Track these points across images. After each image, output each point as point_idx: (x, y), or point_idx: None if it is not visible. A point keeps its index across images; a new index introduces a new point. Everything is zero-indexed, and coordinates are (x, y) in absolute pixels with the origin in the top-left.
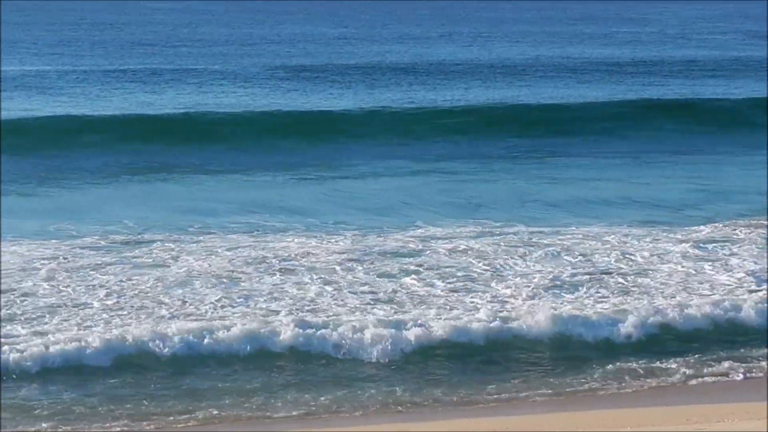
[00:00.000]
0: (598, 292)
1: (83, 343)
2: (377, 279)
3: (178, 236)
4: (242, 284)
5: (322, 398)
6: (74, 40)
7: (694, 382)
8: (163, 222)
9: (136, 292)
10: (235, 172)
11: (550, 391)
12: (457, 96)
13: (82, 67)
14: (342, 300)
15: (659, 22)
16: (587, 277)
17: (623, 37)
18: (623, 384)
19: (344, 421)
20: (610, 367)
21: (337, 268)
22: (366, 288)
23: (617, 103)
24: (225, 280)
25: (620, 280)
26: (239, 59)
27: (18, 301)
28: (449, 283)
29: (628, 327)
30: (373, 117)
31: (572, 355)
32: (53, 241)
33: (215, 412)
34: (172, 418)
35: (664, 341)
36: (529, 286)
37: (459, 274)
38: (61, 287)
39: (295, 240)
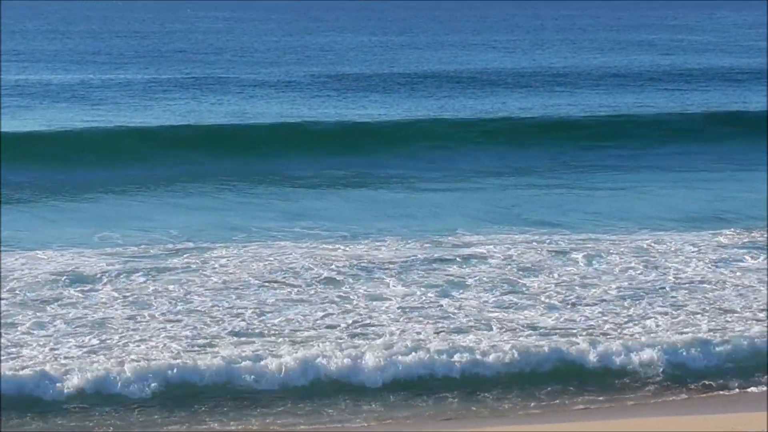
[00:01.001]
0: (655, 305)
1: (141, 362)
2: (426, 291)
3: (225, 244)
4: (292, 295)
5: (374, 406)
6: (116, 48)
7: (750, 391)
8: (208, 230)
9: (184, 302)
10: (276, 182)
11: (602, 398)
12: (498, 105)
13: (125, 75)
14: (393, 315)
15: (702, 29)
16: (642, 290)
17: (666, 44)
18: (676, 392)
19: (398, 426)
20: (671, 375)
21: (385, 277)
22: (416, 302)
23: (661, 115)
24: (274, 291)
25: (677, 292)
26: (281, 67)
27: (64, 312)
28: (500, 295)
29: (686, 340)
30: (414, 127)
31: (632, 364)
32: (95, 250)
33: (269, 419)
34: (227, 424)
35: (725, 353)
36: (585, 300)
37: (505, 285)
38: (104, 297)
39: (340, 248)
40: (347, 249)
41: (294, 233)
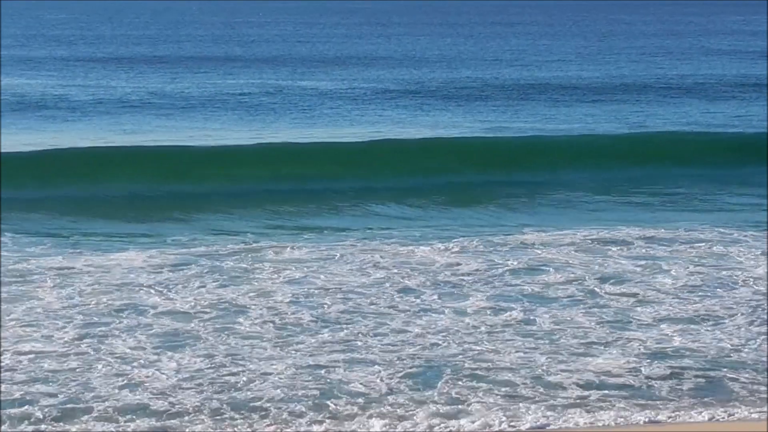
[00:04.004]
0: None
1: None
2: (513, 306)
3: (294, 243)
4: (372, 307)
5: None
6: (185, 52)
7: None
8: (280, 233)
9: (264, 312)
10: (348, 197)
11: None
12: (577, 117)
13: (195, 82)
14: (486, 338)
15: None
16: (737, 304)
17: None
18: None
19: None
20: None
21: (468, 288)
22: (509, 319)
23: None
24: (353, 301)
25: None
26: (357, 74)
27: (139, 319)
28: (596, 310)
29: None
30: (488, 145)
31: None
32: (161, 250)
33: None
34: None
35: None
36: (686, 316)
37: (604, 303)
38: (174, 303)
39: (413, 249)
40: (424, 252)
41: (365, 234)
